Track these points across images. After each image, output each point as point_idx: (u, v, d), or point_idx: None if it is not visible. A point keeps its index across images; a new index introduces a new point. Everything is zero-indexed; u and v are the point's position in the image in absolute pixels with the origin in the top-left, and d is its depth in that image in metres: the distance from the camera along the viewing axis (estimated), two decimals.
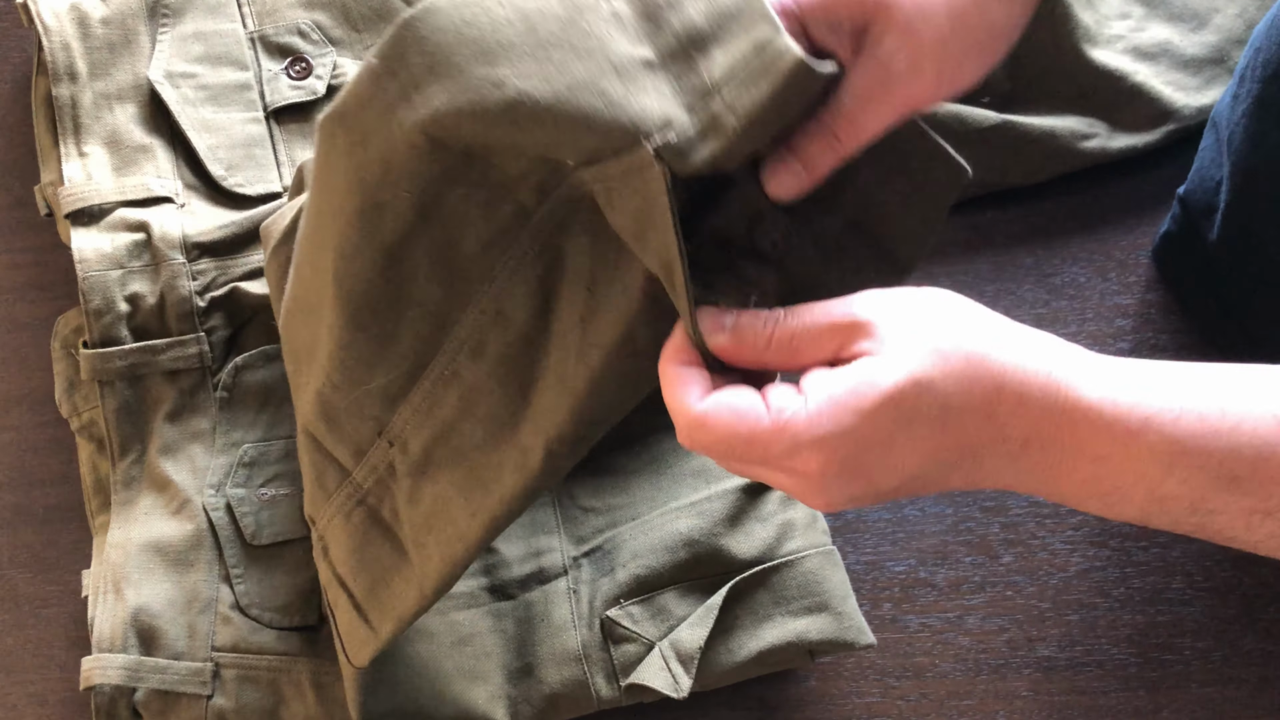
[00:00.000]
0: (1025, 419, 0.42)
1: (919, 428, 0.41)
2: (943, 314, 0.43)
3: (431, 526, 0.49)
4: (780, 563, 0.60)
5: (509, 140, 0.42)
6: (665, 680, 0.58)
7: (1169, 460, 0.42)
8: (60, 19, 0.67)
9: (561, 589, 0.61)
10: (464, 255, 0.46)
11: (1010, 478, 0.44)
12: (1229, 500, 0.42)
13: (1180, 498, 0.43)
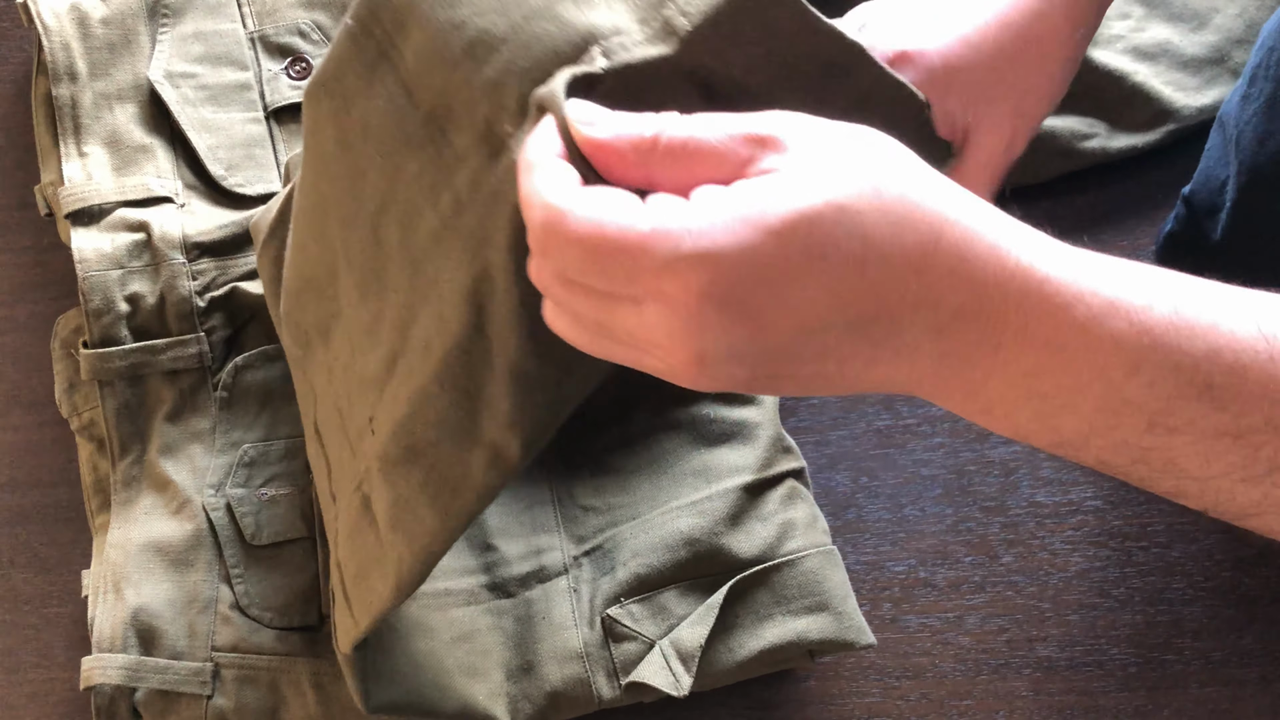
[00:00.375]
0: (963, 282, 0.34)
1: (833, 264, 0.33)
2: (882, 150, 0.35)
3: (395, 525, 0.49)
4: (781, 562, 0.60)
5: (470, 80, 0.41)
6: (666, 679, 0.58)
7: (1136, 356, 0.34)
8: (60, 19, 0.67)
9: (562, 587, 0.61)
10: (417, 242, 0.45)
11: (928, 363, 0.35)
12: (1198, 414, 0.35)
13: (1141, 407, 0.35)
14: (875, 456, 0.67)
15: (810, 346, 0.35)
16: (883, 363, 0.35)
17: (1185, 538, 0.66)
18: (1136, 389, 0.35)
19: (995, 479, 0.67)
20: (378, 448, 0.48)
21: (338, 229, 0.49)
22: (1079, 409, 0.35)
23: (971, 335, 0.35)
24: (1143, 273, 0.36)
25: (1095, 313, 0.34)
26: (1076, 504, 0.66)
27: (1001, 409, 0.36)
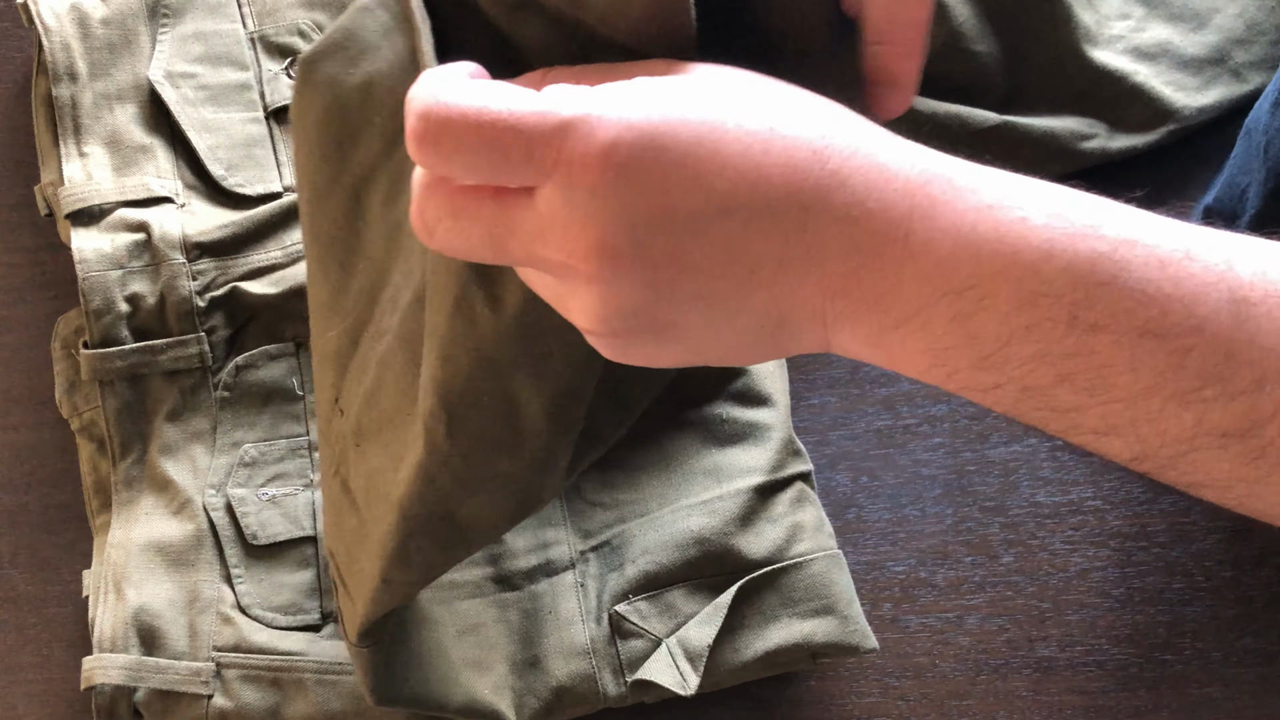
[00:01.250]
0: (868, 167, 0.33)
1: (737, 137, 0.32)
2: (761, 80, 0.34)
3: (370, 502, 0.47)
4: (789, 564, 0.60)
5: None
6: (673, 677, 0.58)
7: (1046, 236, 0.32)
8: (60, 19, 0.67)
9: (569, 582, 0.61)
10: (404, 203, 0.44)
11: (837, 268, 0.33)
12: (1117, 305, 0.33)
13: (1059, 296, 0.32)
14: (875, 456, 0.67)
15: (718, 237, 0.32)
16: (793, 268, 0.33)
17: (1185, 538, 0.66)
18: (1052, 272, 0.32)
19: (995, 479, 0.67)
20: (350, 425, 0.47)
21: (312, 196, 0.47)
22: (996, 302, 0.33)
23: (879, 223, 0.33)
24: (1056, 187, 0.34)
25: (1001, 194, 0.33)
26: (1076, 504, 0.66)
27: (918, 316, 0.33)
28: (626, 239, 0.32)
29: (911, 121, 0.70)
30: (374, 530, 0.48)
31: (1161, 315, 0.32)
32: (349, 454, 0.48)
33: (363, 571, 0.50)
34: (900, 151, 0.34)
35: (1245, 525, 0.66)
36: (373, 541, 0.48)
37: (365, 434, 0.47)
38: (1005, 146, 0.70)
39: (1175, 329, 0.33)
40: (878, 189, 0.33)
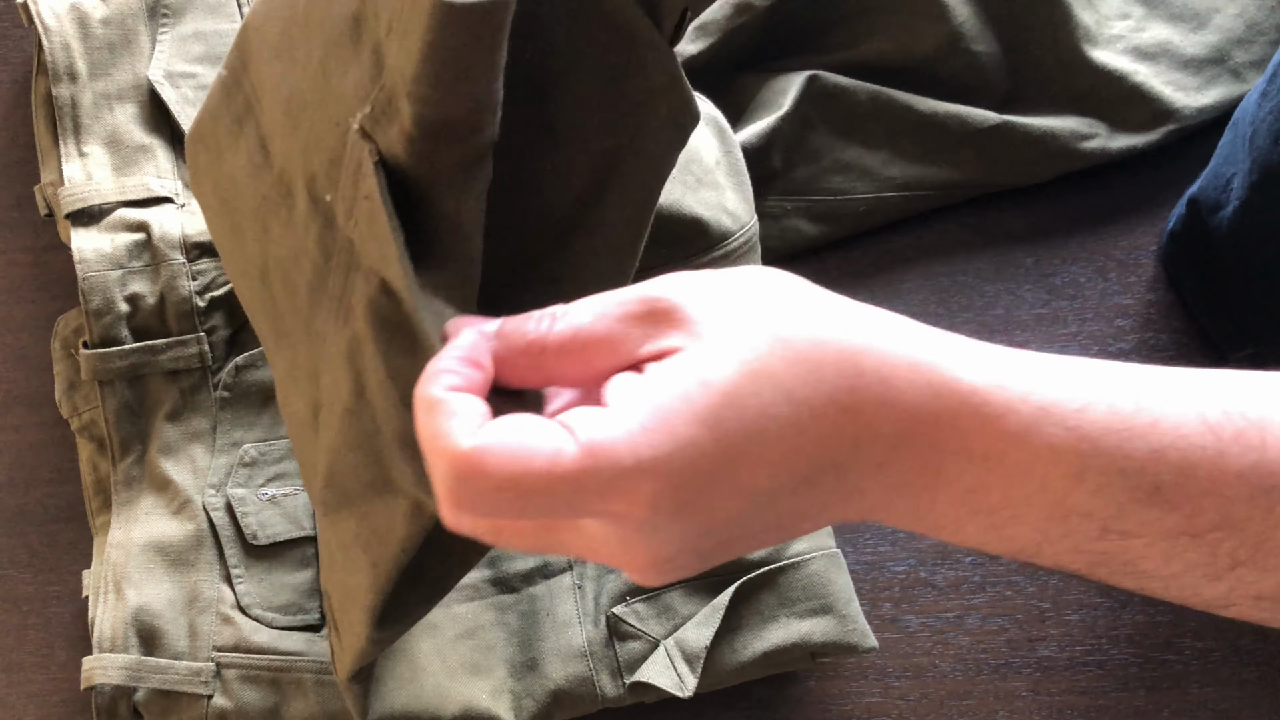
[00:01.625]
0: (896, 411, 0.33)
1: (768, 435, 0.32)
2: (772, 294, 0.34)
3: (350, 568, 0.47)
4: (786, 564, 0.60)
5: (289, 142, 0.40)
6: (670, 679, 0.58)
7: (1078, 462, 0.33)
8: (60, 19, 0.67)
9: (566, 584, 0.61)
10: (301, 302, 0.43)
11: (876, 496, 0.34)
12: (1150, 517, 0.34)
13: (1090, 514, 0.34)
14: None
15: (762, 516, 0.34)
16: (833, 508, 0.34)
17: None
18: (1083, 497, 0.33)
19: None
20: (318, 493, 0.47)
21: (238, 279, 0.47)
22: (1026, 520, 0.34)
23: (911, 463, 0.34)
24: (1074, 370, 0.34)
25: (1028, 421, 0.33)
26: None
27: (951, 526, 0.35)
28: (677, 550, 0.33)
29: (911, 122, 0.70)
30: (356, 596, 0.47)
31: (1193, 516, 0.33)
32: (321, 519, 0.48)
33: (352, 624, 0.49)
34: (923, 384, 0.33)
35: None
36: (356, 603, 0.48)
37: (331, 507, 0.46)
38: (1005, 146, 0.70)
39: (1207, 528, 0.34)
40: (908, 436, 0.33)
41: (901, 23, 0.70)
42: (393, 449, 0.41)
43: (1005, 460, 0.33)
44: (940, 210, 0.72)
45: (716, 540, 0.34)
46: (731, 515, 0.33)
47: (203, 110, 0.45)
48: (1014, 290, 0.70)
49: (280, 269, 0.43)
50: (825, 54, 0.71)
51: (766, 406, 0.32)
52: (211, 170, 0.45)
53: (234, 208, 0.44)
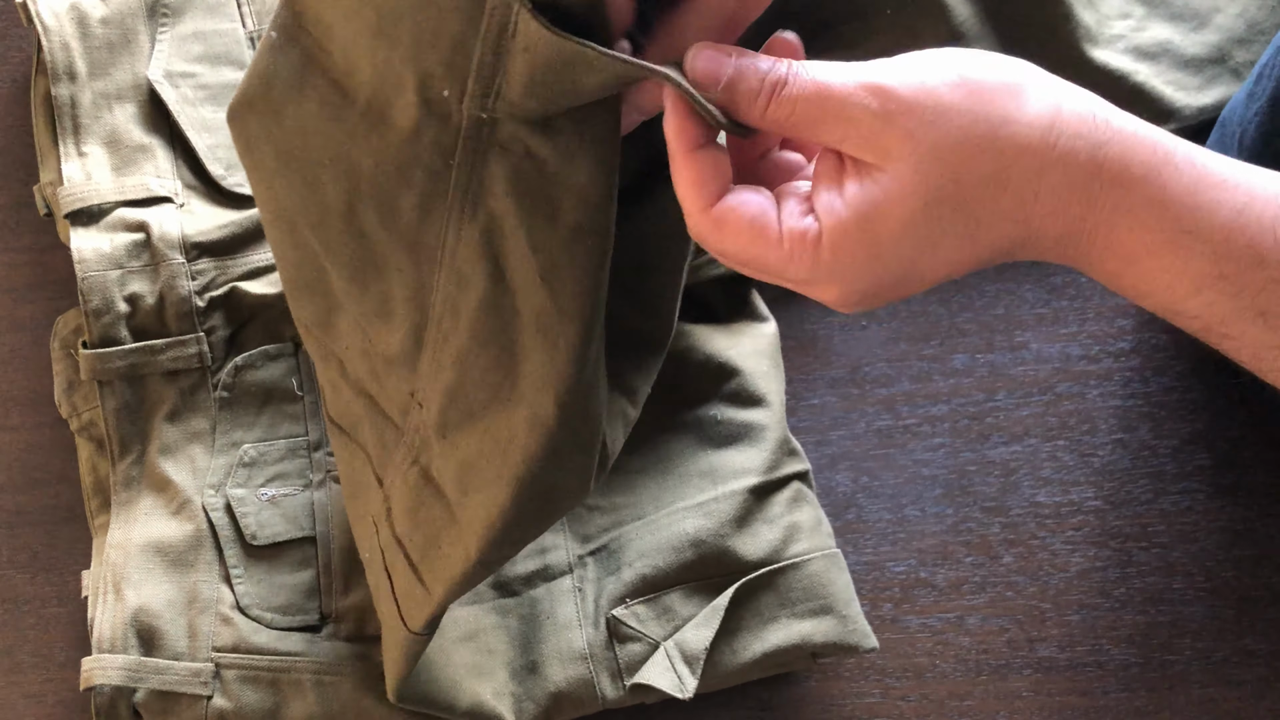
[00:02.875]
0: (1061, 220, 0.39)
1: (945, 246, 0.39)
2: (971, 103, 0.39)
3: (466, 488, 0.49)
4: (786, 565, 0.60)
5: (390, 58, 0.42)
6: (670, 681, 0.57)
7: (1200, 282, 0.39)
8: (60, 19, 0.67)
9: (566, 587, 0.61)
10: (405, 220, 0.45)
11: (1034, 258, 0.42)
12: (1249, 331, 0.40)
13: (1198, 317, 0.40)
14: (875, 456, 0.67)
15: (941, 281, 0.41)
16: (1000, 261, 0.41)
17: (1185, 538, 0.66)
18: (1196, 305, 0.40)
19: (995, 479, 0.67)
20: (433, 418, 0.48)
21: (310, 233, 0.48)
22: (1144, 301, 0.41)
23: (1067, 250, 0.40)
24: (1238, 195, 0.39)
25: (1171, 241, 0.39)
26: (1076, 504, 0.66)
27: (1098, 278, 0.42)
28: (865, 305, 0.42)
29: None
30: (475, 513, 0.49)
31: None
32: (432, 445, 0.49)
33: (449, 556, 0.50)
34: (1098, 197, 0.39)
35: (1245, 525, 0.66)
36: (471, 524, 0.49)
37: (453, 426, 0.48)
38: None
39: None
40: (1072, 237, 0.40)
41: (901, 22, 0.70)
42: (530, 333, 0.44)
43: (1141, 263, 0.40)
44: None
45: (900, 296, 0.42)
46: (910, 288, 0.41)
47: (250, 78, 0.46)
48: (1014, 290, 0.70)
49: (377, 196, 0.45)
50: (825, 54, 0.71)
51: (946, 228, 0.39)
52: (267, 133, 0.46)
53: (304, 160, 0.46)
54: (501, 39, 0.40)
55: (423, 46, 0.41)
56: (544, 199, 0.42)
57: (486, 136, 0.42)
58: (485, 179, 0.43)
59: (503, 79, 0.41)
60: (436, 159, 0.44)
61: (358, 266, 0.48)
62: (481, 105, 0.42)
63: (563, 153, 0.42)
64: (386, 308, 0.48)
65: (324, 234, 0.48)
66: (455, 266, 0.45)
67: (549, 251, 0.43)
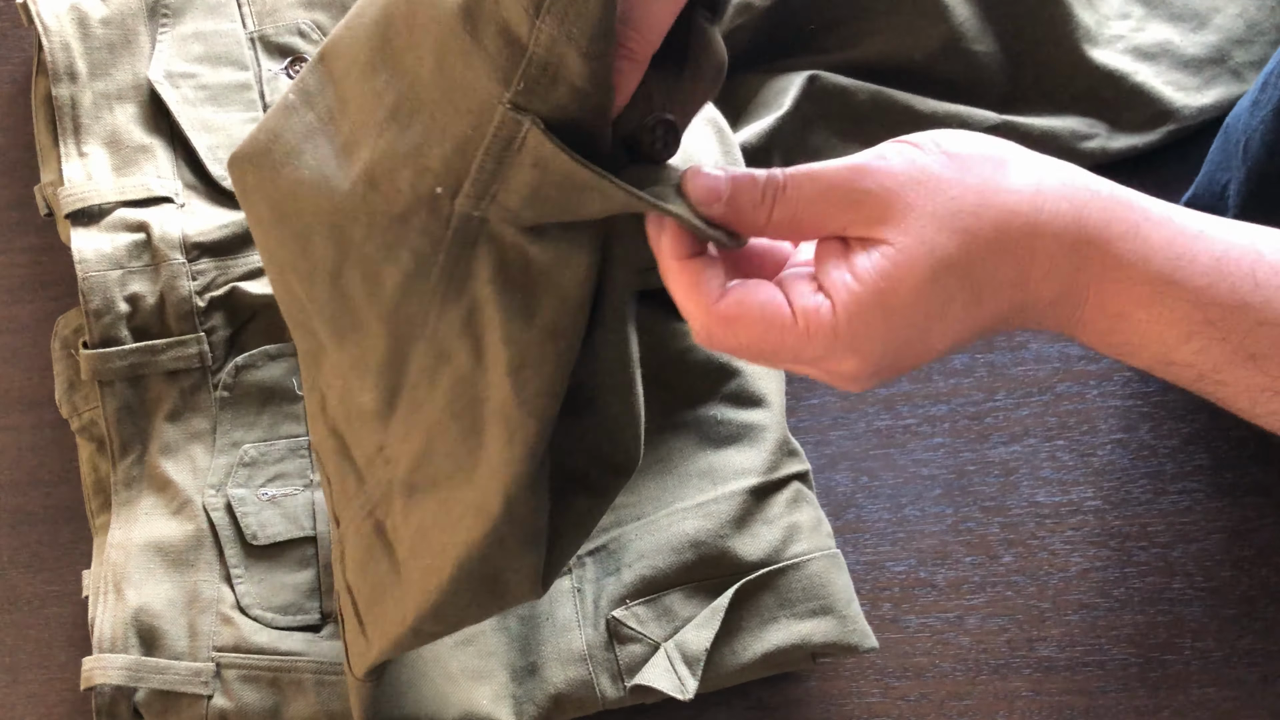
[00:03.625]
0: (1055, 282, 0.41)
1: (953, 312, 0.40)
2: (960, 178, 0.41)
3: (416, 552, 0.49)
4: (786, 565, 0.60)
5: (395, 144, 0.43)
6: (671, 682, 0.57)
7: (1189, 329, 0.41)
8: (60, 19, 0.67)
9: (565, 587, 0.61)
10: (389, 294, 0.46)
11: (1029, 325, 0.43)
12: (1242, 376, 0.41)
13: (1191, 366, 0.42)
14: (875, 456, 0.67)
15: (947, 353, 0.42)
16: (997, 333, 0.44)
17: (1185, 538, 0.66)
18: (1187, 353, 0.41)
19: (995, 479, 0.67)
20: (399, 476, 0.49)
21: (298, 284, 0.49)
22: (1139, 357, 0.42)
23: (1063, 312, 0.42)
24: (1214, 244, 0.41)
25: (1157, 292, 0.40)
26: (1076, 504, 0.66)
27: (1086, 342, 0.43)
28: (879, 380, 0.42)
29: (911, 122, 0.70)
30: (417, 580, 0.49)
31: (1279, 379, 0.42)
32: (394, 501, 0.50)
33: (388, 616, 0.50)
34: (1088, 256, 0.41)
35: (1245, 525, 0.66)
36: (411, 590, 0.49)
37: (418, 489, 0.48)
38: None
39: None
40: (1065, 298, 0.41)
41: (901, 23, 0.70)
42: (493, 420, 0.45)
43: (1131, 318, 0.41)
44: None
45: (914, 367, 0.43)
46: (925, 360, 0.42)
47: (256, 132, 0.48)
48: None
49: (361, 268, 0.46)
50: (825, 54, 0.71)
51: (953, 294, 0.40)
52: (263, 188, 0.48)
53: (296, 219, 0.47)
54: (506, 150, 0.41)
55: (430, 141, 0.42)
56: (525, 295, 0.43)
57: (476, 229, 0.43)
58: (472, 266, 0.44)
59: (500, 187, 0.42)
60: (424, 243, 0.44)
61: (339, 322, 0.48)
62: (475, 205, 0.43)
63: (551, 253, 0.43)
64: (363, 364, 0.48)
65: (310, 288, 0.48)
66: (437, 341, 0.46)
67: (521, 347, 0.43)
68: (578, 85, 0.39)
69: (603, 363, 0.47)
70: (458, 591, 0.48)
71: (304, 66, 0.47)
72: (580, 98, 0.39)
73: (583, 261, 0.43)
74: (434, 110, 0.42)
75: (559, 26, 0.38)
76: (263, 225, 0.49)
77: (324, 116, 0.46)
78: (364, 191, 0.45)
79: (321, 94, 0.46)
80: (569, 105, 0.40)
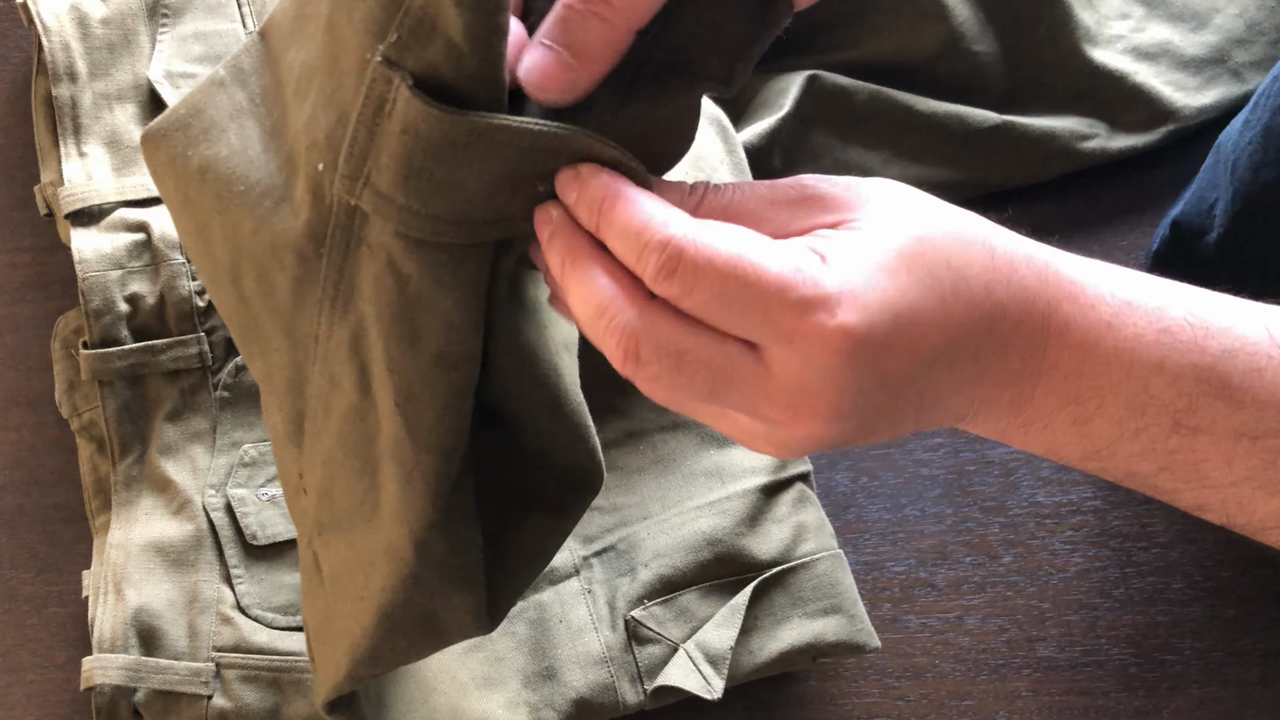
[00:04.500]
0: (1017, 294, 0.36)
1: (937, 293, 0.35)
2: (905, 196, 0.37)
3: (337, 596, 0.45)
4: (797, 564, 0.60)
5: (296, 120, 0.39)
6: (697, 682, 0.57)
7: (1158, 353, 0.36)
8: (60, 19, 0.67)
9: (574, 589, 0.61)
10: (281, 299, 0.41)
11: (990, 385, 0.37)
12: (1218, 413, 0.37)
13: (1166, 405, 0.37)
14: (875, 456, 0.67)
15: (920, 385, 0.36)
16: (962, 391, 0.37)
17: (1185, 538, 0.66)
18: (1160, 386, 0.37)
19: (995, 479, 0.67)
20: (312, 509, 0.44)
21: (205, 281, 0.45)
22: (1109, 410, 0.37)
23: (1025, 345, 0.37)
24: (1152, 279, 0.38)
25: (1117, 311, 0.37)
26: (1076, 504, 0.66)
27: (1042, 420, 0.38)
28: (851, 403, 0.35)
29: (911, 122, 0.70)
30: (342, 625, 0.45)
31: (1257, 419, 0.37)
32: (315, 536, 0.45)
33: (328, 657, 0.47)
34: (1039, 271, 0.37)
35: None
36: (339, 634, 0.45)
37: (326, 526, 0.44)
38: (1005, 146, 0.70)
39: (1268, 432, 0.37)
40: (1026, 319, 0.37)
41: (901, 23, 0.70)
42: (387, 459, 0.40)
43: (1098, 347, 0.37)
44: None
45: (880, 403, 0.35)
46: (893, 375, 0.35)
47: (177, 107, 0.42)
48: None
49: (256, 267, 0.41)
50: (825, 54, 0.71)
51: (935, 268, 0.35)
52: (174, 165, 0.42)
53: (199, 206, 0.42)
54: (378, 116, 0.35)
55: (318, 110, 0.37)
56: (404, 320, 0.37)
57: (358, 229, 0.37)
58: (356, 279, 0.38)
59: (373, 164, 0.35)
60: (308, 244, 0.39)
61: (245, 333, 0.44)
62: (349, 189, 0.36)
63: (428, 269, 0.36)
64: (269, 384, 0.44)
65: (216, 291, 0.44)
66: (328, 363, 0.40)
67: (405, 376, 0.38)
68: (454, 41, 0.33)
69: (516, 385, 0.41)
70: (389, 636, 0.43)
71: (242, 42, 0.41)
72: (456, 58, 0.33)
73: (465, 285, 0.36)
74: (322, 76, 0.37)
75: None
76: (172, 208, 0.44)
77: (255, 98, 0.41)
78: (266, 180, 0.40)
79: (257, 73, 0.41)
80: (443, 66, 0.33)
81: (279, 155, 0.40)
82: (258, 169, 0.40)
